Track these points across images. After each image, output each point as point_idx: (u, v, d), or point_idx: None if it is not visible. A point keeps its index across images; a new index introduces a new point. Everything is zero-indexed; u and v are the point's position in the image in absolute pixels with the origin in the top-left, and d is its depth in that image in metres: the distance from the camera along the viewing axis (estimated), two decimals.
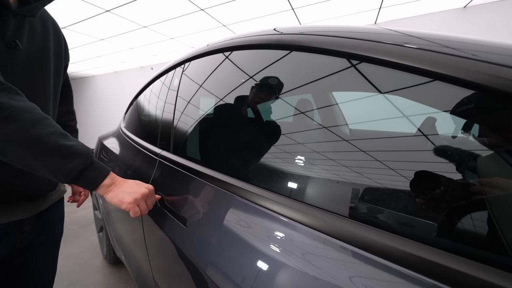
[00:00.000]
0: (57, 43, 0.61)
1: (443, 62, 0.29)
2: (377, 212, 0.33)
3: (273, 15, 2.49)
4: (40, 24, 0.56)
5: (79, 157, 0.44)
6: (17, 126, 0.40)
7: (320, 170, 0.40)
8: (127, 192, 0.49)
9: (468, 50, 0.30)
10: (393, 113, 0.34)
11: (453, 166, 0.28)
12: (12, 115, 0.40)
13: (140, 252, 0.78)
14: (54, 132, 0.43)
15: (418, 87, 0.31)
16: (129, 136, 1.15)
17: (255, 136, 0.57)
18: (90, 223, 2.21)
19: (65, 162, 0.43)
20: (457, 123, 0.29)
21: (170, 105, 0.84)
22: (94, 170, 0.47)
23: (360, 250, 0.29)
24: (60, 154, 0.43)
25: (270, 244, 0.37)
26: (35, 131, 0.41)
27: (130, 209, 0.49)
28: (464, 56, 0.28)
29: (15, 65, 0.49)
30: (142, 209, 0.51)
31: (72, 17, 2.42)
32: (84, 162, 0.45)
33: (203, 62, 0.74)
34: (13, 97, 0.42)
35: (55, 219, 0.67)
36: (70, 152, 0.44)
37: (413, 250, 0.26)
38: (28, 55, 0.52)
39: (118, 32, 2.88)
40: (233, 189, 0.48)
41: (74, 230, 2.08)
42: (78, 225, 2.19)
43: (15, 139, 0.40)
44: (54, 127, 0.44)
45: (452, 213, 0.27)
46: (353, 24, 0.46)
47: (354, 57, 0.37)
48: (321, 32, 0.44)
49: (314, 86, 0.45)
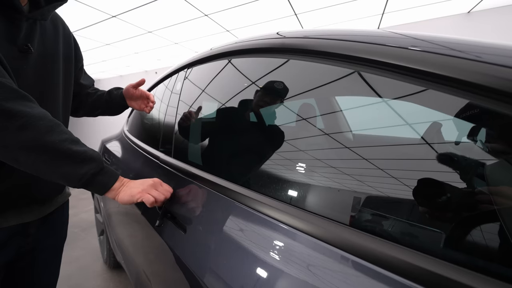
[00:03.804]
0: (67, 45, 0.62)
1: (450, 64, 0.28)
2: (379, 221, 0.32)
3: (276, 21, 2.52)
4: (51, 26, 0.57)
5: (91, 162, 0.46)
6: (32, 133, 0.40)
7: (322, 177, 0.40)
8: (134, 187, 0.51)
9: (472, 52, 0.29)
10: (398, 118, 0.34)
11: (460, 173, 0.27)
12: (28, 122, 0.40)
13: (139, 258, 0.77)
14: (67, 139, 0.44)
15: (425, 91, 0.30)
16: (132, 140, 1.16)
17: (258, 141, 0.56)
18: (91, 226, 2.21)
19: (78, 168, 0.44)
20: (464, 128, 0.28)
21: (172, 109, 0.84)
22: (105, 174, 0.48)
23: (361, 260, 0.28)
24: (73, 160, 0.44)
25: (271, 252, 0.36)
26: (49, 138, 0.42)
27: (141, 197, 0.50)
28: (469, 58, 0.28)
29: (28, 69, 0.50)
30: (155, 195, 0.52)
31: (79, 23, 2.48)
32: (96, 167, 0.46)
33: (206, 66, 0.75)
34: (27, 104, 0.42)
35: (59, 222, 0.67)
36: (83, 157, 0.45)
37: (418, 262, 0.25)
38: (39, 59, 0.53)
39: (124, 37, 2.94)
40: (234, 195, 0.47)
41: (76, 233, 2.09)
42: (79, 228, 2.19)
43: (30, 147, 0.41)
44: (67, 133, 0.45)
45: (460, 223, 0.26)
46: (359, 28, 0.46)
47: (361, 61, 0.36)
48: (326, 35, 0.43)
49: (318, 91, 0.44)
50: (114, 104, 0.79)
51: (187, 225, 0.52)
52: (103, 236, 1.58)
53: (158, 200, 0.52)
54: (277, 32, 0.54)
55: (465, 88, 0.27)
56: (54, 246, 0.66)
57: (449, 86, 0.28)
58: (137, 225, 0.76)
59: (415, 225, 0.29)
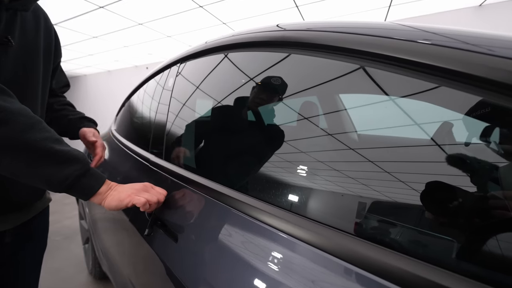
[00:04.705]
0: (48, 39, 0.61)
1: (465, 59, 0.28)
2: (387, 229, 0.31)
3: (276, 13, 2.53)
4: (32, 18, 0.56)
5: (75, 163, 0.44)
6: (10, 130, 0.39)
7: (324, 181, 0.40)
8: (123, 191, 0.50)
9: (484, 45, 0.29)
10: (407, 117, 0.34)
11: (473, 176, 0.27)
12: (7, 118, 0.39)
13: (126, 268, 0.76)
14: (49, 138, 0.43)
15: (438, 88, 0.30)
16: (120, 140, 1.15)
17: (256, 143, 0.56)
18: (75, 234, 2.19)
19: (60, 169, 0.43)
20: (477, 128, 0.28)
21: (163, 107, 0.84)
22: (91, 177, 0.46)
23: (366, 272, 0.28)
24: (55, 160, 0.42)
25: (269, 263, 0.36)
26: (30, 136, 0.41)
27: (131, 201, 0.48)
28: (481, 52, 0.27)
29: (7, 62, 0.49)
30: (147, 196, 0.51)
31: (64, 14, 2.47)
32: (81, 168, 0.45)
33: (200, 61, 0.74)
34: (6, 99, 0.41)
35: (39, 230, 0.66)
36: (66, 157, 0.43)
37: (427, 275, 0.25)
38: (19, 52, 0.52)
39: (112, 29, 2.93)
40: (230, 201, 0.47)
41: (58, 241, 2.06)
42: (62, 236, 2.16)
43: (8, 145, 0.40)
44: (49, 131, 0.44)
45: (474, 231, 0.26)
46: (367, 20, 0.46)
47: (368, 55, 0.36)
48: (331, 28, 0.43)
49: (321, 88, 0.44)
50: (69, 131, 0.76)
51: (178, 233, 0.52)
52: (88, 245, 1.56)
53: (151, 201, 0.51)
54: (277, 25, 0.54)
55: (481, 85, 0.26)
56: (33, 257, 0.65)
57: (463, 83, 0.28)
58: (125, 232, 0.75)
59: (426, 233, 0.29)
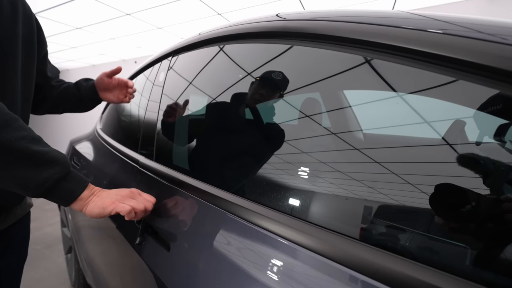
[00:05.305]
0: (28, 27, 0.60)
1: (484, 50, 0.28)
2: (394, 234, 0.32)
3: (275, 3, 2.53)
4: (8, 5, 0.55)
5: (55, 165, 0.43)
6: None
7: (327, 184, 0.40)
8: (107, 197, 0.49)
9: (498, 34, 0.29)
10: (416, 115, 0.34)
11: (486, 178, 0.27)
12: None
13: (113, 279, 0.76)
14: (26, 137, 0.42)
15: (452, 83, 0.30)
16: (106, 140, 1.14)
17: (254, 142, 0.56)
18: (57, 242, 2.17)
19: (38, 171, 0.42)
20: (491, 126, 0.28)
21: (154, 104, 0.84)
22: (71, 181, 0.46)
23: (372, 280, 0.28)
24: (32, 161, 0.42)
25: (269, 271, 0.36)
26: (4, 134, 0.40)
27: (115, 208, 0.47)
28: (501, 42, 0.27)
29: None
30: (133, 204, 0.50)
31: (44, 2, 2.44)
32: (60, 171, 0.44)
33: (194, 54, 0.74)
34: None
35: (18, 238, 0.65)
36: (45, 159, 0.43)
37: (439, 282, 0.25)
38: None
39: (97, 20, 2.91)
40: (226, 205, 0.47)
41: (38, 250, 2.05)
42: (43, 244, 2.15)
43: None
44: (26, 130, 0.43)
45: (487, 237, 0.26)
46: (376, 9, 0.46)
47: (377, 47, 0.36)
48: (337, 17, 0.43)
49: (325, 83, 0.44)
50: (84, 98, 0.77)
51: (171, 241, 0.51)
52: (70, 254, 1.55)
53: (137, 209, 0.50)
54: (276, 14, 0.54)
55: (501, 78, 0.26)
56: (11, 267, 0.64)
57: (483, 77, 0.27)
58: (112, 241, 0.75)
59: (436, 239, 0.29)
